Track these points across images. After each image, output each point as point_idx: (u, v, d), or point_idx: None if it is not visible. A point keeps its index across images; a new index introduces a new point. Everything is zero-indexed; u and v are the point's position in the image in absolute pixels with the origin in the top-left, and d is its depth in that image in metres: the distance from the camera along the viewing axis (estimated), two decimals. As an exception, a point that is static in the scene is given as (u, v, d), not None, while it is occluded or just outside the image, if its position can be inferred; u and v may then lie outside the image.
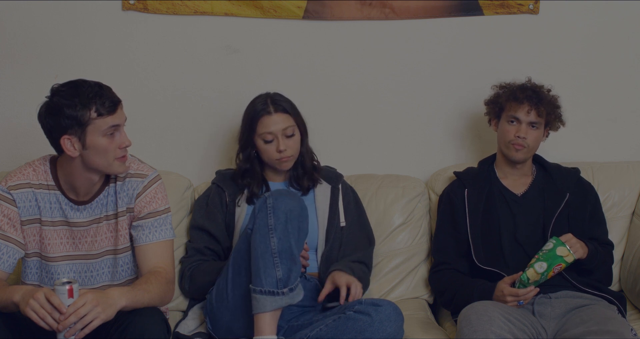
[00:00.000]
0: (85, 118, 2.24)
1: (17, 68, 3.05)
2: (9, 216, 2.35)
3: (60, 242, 2.40)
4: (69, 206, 2.39)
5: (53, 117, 2.25)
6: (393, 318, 2.32)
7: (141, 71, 3.06)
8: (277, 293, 2.31)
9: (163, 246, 2.44)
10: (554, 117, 2.77)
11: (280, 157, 2.69)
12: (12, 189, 2.36)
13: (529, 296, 2.50)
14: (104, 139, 2.28)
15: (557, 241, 2.56)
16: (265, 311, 2.31)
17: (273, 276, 2.31)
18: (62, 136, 2.25)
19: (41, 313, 2.07)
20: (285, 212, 2.35)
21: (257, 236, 2.35)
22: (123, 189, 2.42)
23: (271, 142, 2.69)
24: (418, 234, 2.97)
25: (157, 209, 2.44)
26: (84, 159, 2.30)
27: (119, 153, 2.33)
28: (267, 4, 3.03)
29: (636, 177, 3.04)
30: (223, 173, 2.84)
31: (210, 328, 2.51)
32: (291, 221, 2.35)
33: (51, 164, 2.41)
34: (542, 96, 2.73)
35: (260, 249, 2.33)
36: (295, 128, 2.72)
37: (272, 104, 2.70)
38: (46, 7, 3.01)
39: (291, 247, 2.33)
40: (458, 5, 3.08)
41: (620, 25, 3.14)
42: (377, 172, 3.10)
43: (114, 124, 2.29)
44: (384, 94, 3.15)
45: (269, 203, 2.36)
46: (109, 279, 2.46)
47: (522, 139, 2.72)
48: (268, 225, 2.34)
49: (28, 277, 2.43)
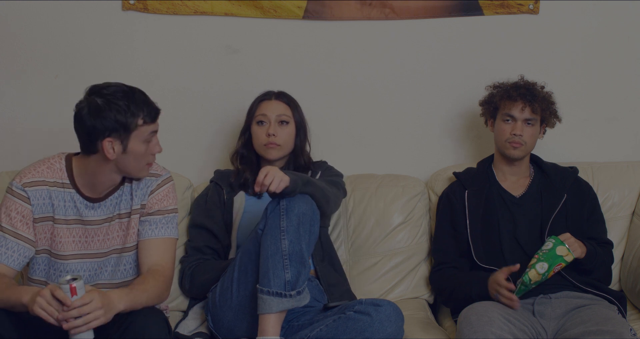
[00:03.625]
0: (134, 125, 2.28)
1: (17, 68, 3.06)
2: (23, 213, 2.36)
3: (72, 241, 2.41)
4: (84, 205, 2.40)
5: (99, 119, 2.25)
6: (393, 318, 2.32)
7: (141, 71, 3.06)
8: (284, 294, 2.31)
9: (166, 243, 2.46)
10: (549, 113, 2.78)
11: (268, 143, 2.72)
12: (26, 186, 2.36)
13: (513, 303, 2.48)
14: (143, 145, 2.34)
15: (556, 240, 2.56)
16: (271, 312, 2.31)
17: (282, 277, 2.31)
18: (105, 138, 2.27)
19: (49, 309, 2.08)
20: (298, 215, 2.35)
21: (268, 237, 2.35)
22: (139, 187, 2.46)
23: (263, 124, 2.75)
24: (418, 233, 2.98)
25: (167, 207, 2.48)
26: (119, 162, 2.33)
27: (150, 159, 2.40)
28: (267, 4, 3.03)
29: (636, 177, 3.04)
30: (221, 172, 2.86)
31: (212, 326, 2.52)
32: (303, 225, 2.35)
33: (66, 161, 2.42)
34: (535, 93, 2.74)
35: (271, 250, 2.33)
36: (291, 120, 2.77)
37: (274, 93, 2.81)
38: (46, 7, 3.02)
39: (302, 251, 2.34)
40: (458, 5, 3.08)
41: (620, 25, 3.14)
42: (377, 172, 3.10)
43: (153, 131, 2.35)
44: (384, 93, 3.15)
45: (282, 205, 2.36)
46: (108, 278, 2.46)
47: (519, 137, 2.73)
48: (280, 227, 2.34)
49: (35, 273, 2.44)
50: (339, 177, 2.81)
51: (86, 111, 2.26)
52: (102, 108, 2.25)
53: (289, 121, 2.77)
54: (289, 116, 2.77)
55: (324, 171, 2.83)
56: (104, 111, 2.25)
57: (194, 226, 2.78)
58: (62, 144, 2.43)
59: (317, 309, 2.57)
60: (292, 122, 2.77)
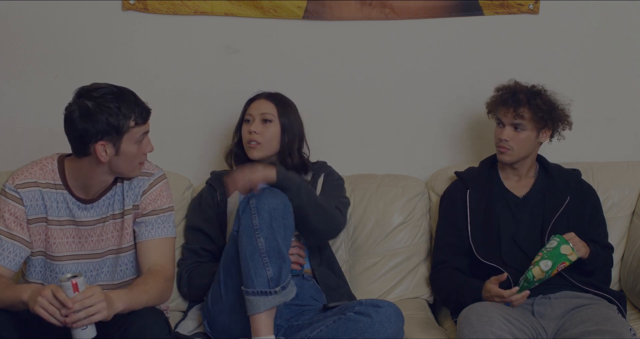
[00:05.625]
0: (125, 127, 2.27)
1: (17, 68, 3.06)
2: (16, 214, 2.36)
3: (67, 242, 2.41)
4: (76, 205, 2.40)
5: (91, 122, 2.24)
6: (393, 319, 2.32)
7: (141, 71, 3.06)
8: (269, 292, 2.31)
9: (164, 243, 2.45)
10: (541, 116, 2.70)
11: (250, 139, 2.71)
12: (19, 188, 2.37)
13: (515, 297, 2.48)
14: (135, 146, 2.33)
15: (560, 239, 2.56)
16: (259, 312, 2.31)
17: (264, 276, 2.31)
18: (97, 141, 2.26)
19: (50, 309, 2.08)
20: (269, 211, 2.34)
21: (244, 237, 2.34)
22: (130, 188, 2.45)
23: (248, 122, 2.75)
24: (418, 233, 2.98)
25: (161, 206, 2.47)
26: (111, 163, 2.33)
27: (142, 158, 2.39)
28: (267, 4, 3.03)
29: (636, 177, 3.04)
30: (217, 173, 2.85)
31: (208, 331, 2.52)
32: (276, 220, 2.34)
33: (59, 163, 2.41)
34: (520, 98, 2.69)
35: (248, 250, 2.33)
36: (275, 119, 2.74)
37: (266, 93, 2.80)
38: (46, 7, 3.01)
39: (279, 246, 2.33)
40: (458, 5, 3.08)
41: (620, 25, 3.14)
42: (377, 172, 3.10)
43: (145, 132, 2.35)
44: (384, 93, 3.15)
45: (252, 204, 2.36)
46: (108, 278, 2.46)
47: (504, 142, 2.72)
48: (253, 226, 2.33)
49: (32, 275, 2.44)
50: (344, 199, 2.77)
51: (77, 115, 2.25)
52: (93, 111, 2.24)
53: (273, 119, 2.73)
54: (273, 115, 2.74)
55: (327, 176, 2.81)
56: (96, 115, 2.24)
57: (190, 228, 2.79)
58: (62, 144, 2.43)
59: (315, 308, 2.58)
60: (276, 122, 2.74)
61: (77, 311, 2.07)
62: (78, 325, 2.09)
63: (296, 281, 2.59)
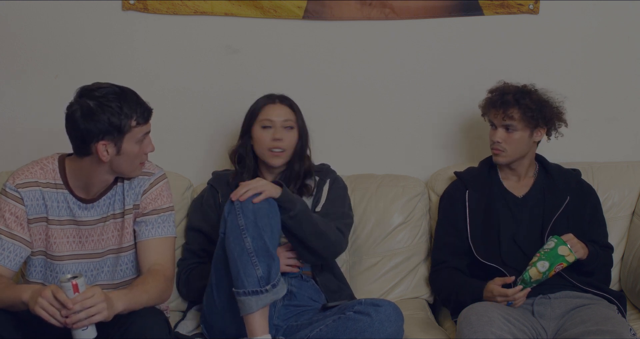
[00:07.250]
0: (127, 127, 2.27)
1: (17, 68, 3.06)
2: (16, 214, 2.36)
3: (67, 242, 2.41)
4: (77, 205, 2.40)
5: (93, 122, 2.24)
6: (393, 318, 2.32)
7: (141, 71, 3.06)
8: (260, 291, 2.30)
9: (164, 242, 2.45)
10: (531, 115, 2.68)
11: (274, 147, 2.69)
12: (20, 187, 2.37)
13: (519, 296, 2.48)
14: (136, 146, 2.33)
15: (558, 240, 2.56)
16: (252, 312, 2.31)
17: (253, 275, 2.30)
18: (99, 141, 2.26)
19: (51, 310, 2.08)
20: (253, 211, 2.34)
21: (231, 238, 2.34)
22: (131, 187, 2.45)
23: (269, 128, 2.70)
24: (418, 233, 2.98)
25: (162, 206, 2.47)
26: (112, 163, 2.32)
27: (143, 158, 2.39)
28: (267, 4, 3.03)
29: (636, 177, 3.04)
30: (219, 174, 2.84)
31: (205, 333, 2.52)
32: (261, 219, 2.34)
33: (59, 162, 2.41)
34: (507, 99, 2.68)
35: (236, 251, 2.32)
36: (295, 125, 2.74)
37: (278, 97, 2.76)
38: (46, 7, 3.02)
39: (266, 244, 2.32)
40: (458, 5, 3.08)
41: (620, 25, 3.14)
42: (377, 172, 3.10)
43: (146, 132, 2.34)
44: (384, 93, 3.15)
45: (237, 204, 2.35)
46: (108, 278, 2.46)
47: (497, 144, 2.72)
48: (239, 226, 2.33)
49: (32, 275, 2.44)
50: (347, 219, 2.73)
51: (79, 114, 2.25)
52: (95, 111, 2.24)
53: (294, 126, 2.73)
54: (294, 121, 2.73)
55: (332, 183, 2.78)
56: (98, 114, 2.23)
57: (190, 229, 2.78)
58: (62, 144, 2.43)
59: (315, 308, 2.58)
60: (296, 128, 2.74)
61: (77, 312, 2.07)
62: (78, 326, 2.09)
63: (295, 282, 2.60)
